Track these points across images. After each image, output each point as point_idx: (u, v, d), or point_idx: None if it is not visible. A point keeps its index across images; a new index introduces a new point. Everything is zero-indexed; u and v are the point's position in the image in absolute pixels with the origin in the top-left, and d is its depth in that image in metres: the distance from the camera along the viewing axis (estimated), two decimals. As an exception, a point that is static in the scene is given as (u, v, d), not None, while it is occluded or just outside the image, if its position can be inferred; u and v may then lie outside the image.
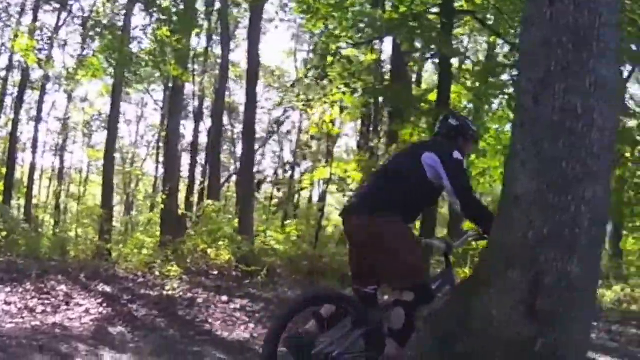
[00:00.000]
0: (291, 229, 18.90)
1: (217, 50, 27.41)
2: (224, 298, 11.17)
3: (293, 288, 12.95)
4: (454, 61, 16.12)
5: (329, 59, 15.44)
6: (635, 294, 17.59)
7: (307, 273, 15.12)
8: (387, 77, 19.42)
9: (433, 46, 14.17)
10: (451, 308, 4.93)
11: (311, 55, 18.53)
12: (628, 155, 16.49)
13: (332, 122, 18.59)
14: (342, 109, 17.81)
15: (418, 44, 14.83)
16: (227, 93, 28.62)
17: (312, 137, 26.03)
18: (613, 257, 21.41)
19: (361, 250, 5.64)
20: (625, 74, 20.39)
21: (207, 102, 31.51)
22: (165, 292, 11.21)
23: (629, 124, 16.76)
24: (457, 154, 5.66)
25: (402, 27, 13.80)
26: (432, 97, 14.52)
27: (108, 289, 11.10)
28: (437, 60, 15.74)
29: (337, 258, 16.22)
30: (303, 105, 16.49)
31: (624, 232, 23.00)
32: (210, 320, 9.71)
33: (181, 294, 11.25)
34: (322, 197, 25.52)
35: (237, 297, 11.39)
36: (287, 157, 33.58)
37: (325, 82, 15.61)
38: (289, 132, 33.47)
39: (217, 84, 25.72)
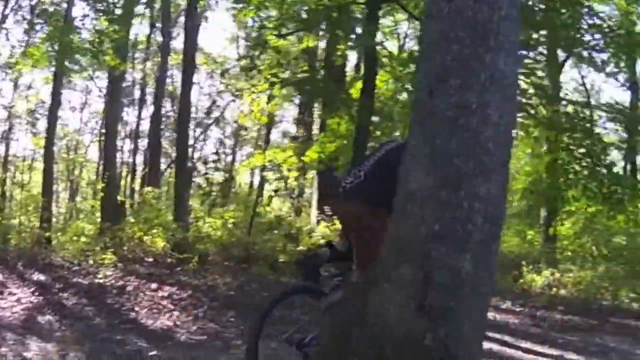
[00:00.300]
0: (228, 215, 18.84)
1: (160, 37, 27.16)
2: (154, 286, 11.14)
3: (223, 275, 12.91)
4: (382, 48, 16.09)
5: (260, 49, 15.40)
6: (564, 278, 17.80)
7: (240, 260, 15.08)
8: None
9: (353, 36, 14.11)
10: (348, 302, 4.89)
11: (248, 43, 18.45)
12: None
13: (261, 111, 18.50)
14: (270, 98, 17.72)
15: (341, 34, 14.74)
16: (168, 80, 28.43)
17: (241, 127, 25.96)
18: (546, 242, 21.62)
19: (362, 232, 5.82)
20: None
21: (151, 89, 31.23)
22: (97, 281, 11.13)
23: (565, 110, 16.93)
24: None
25: (325, 19, 13.75)
26: (359, 86, 14.47)
27: (42, 278, 11.04)
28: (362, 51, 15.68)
29: (268, 244, 16.21)
30: (233, 94, 16.44)
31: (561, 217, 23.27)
32: (136, 308, 9.69)
33: (113, 281, 11.19)
34: (260, 184, 25.48)
35: (167, 284, 11.36)
36: (229, 143, 33.39)
37: (254, 72, 15.56)
38: (222, 118, 33.25)
39: (158, 71, 25.52)
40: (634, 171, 30.48)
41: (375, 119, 15.16)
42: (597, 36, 15.15)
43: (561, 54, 19.68)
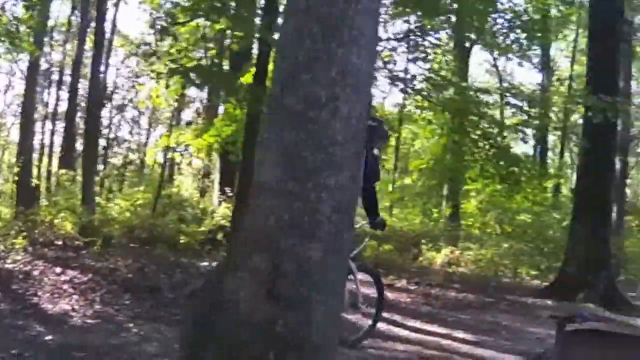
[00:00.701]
0: (137, 196, 18.70)
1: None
2: (58, 270, 10.94)
3: (126, 257, 12.79)
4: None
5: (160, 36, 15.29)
6: (463, 256, 18.07)
7: (144, 242, 14.98)
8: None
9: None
10: (207, 289, 4.91)
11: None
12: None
13: (162, 95, 18.43)
14: (168, 84, 17.63)
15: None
16: (88, 62, 28.01)
17: (139, 111, 25.83)
18: (449, 220, 21.92)
19: None
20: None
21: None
22: (6, 266, 10.93)
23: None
24: (376, 151, 7.68)
25: (216, 9, 13.65)
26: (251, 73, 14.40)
27: (-48, 266, 10.79)
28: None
29: (170, 226, 16.14)
30: (132, 80, 16.32)
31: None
32: (39, 293, 9.51)
33: (21, 266, 10.99)
34: (170, 165, 25.35)
35: (71, 268, 11.17)
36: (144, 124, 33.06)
37: (154, 58, 15.42)
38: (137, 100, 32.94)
39: (75, 53, 25.12)
40: (543, 151, 31.20)
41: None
42: (501, 21, 15.37)
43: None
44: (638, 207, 34.93)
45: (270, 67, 12.81)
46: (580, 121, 19.21)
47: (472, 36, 16.61)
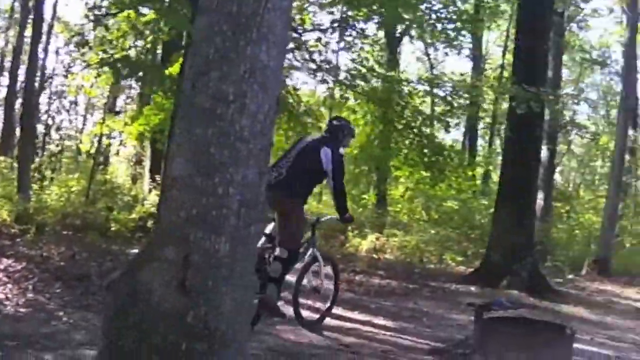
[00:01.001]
0: (72, 183, 18.60)
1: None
2: (-7, 258, 10.93)
3: (59, 245, 12.77)
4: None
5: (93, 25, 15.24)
6: (389, 243, 18.26)
7: (77, 229, 14.94)
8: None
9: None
10: (125, 279, 4.99)
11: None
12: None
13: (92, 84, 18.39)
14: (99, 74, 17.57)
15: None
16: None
17: (76, 99, 25.62)
18: (376, 207, 22.14)
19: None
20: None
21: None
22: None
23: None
24: (342, 150, 8.61)
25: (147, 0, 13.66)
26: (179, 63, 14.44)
27: None
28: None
29: (102, 213, 16.11)
30: (66, 70, 16.23)
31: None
32: (-28, 283, 9.49)
33: (-45, 256, 10.95)
34: (104, 152, 25.20)
35: (6, 256, 11.16)
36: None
37: (86, 48, 15.35)
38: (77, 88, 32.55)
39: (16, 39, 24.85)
40: (473, 139, 31.61)
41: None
42: (429, 12, 15.51)
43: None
44: (567, 194, 35.61)
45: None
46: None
47: (401, 27, 16.76)
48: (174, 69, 14.53)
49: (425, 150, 16.71)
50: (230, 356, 4.72)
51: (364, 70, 15.42)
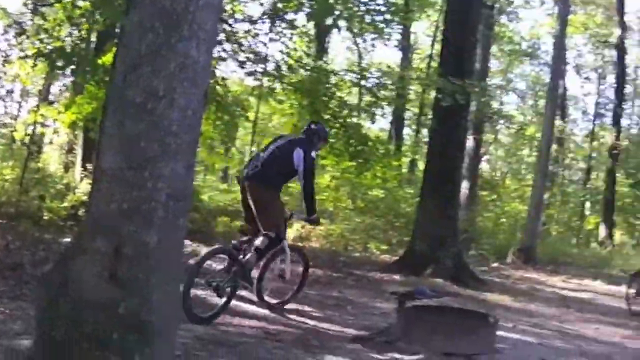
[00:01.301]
0: (6, 171, 18.43)
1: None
2: None
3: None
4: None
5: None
6: (314, 231, 18.42)
7: (11, 217, 14.84)
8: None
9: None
10: (57, 270, 5.12)
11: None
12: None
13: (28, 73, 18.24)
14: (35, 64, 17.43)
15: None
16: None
17: (8, 91, 25.25)
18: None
19: (250, 205, 9.28)
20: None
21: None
22: None
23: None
24: (314, 154, 9.47)
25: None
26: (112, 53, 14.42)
27: None
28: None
29: (35, 202, 16.06)
30: (4, 59, 16.06)
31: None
32: None
33: None
34: (38, 140, 24.93)
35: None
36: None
37: (23, 37, 15.21)
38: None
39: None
40: (399, 130, 32.00)
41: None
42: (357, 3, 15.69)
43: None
44: (493, 183, 36.29)
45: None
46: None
47: (330, 18, 16.90)
48: (107, 59, 14.49)
49: (351, 141, 16.95)
50: (160, 346, 4.91)
51: (292, 61, 15.57)
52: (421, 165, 29.30)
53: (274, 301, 9.90)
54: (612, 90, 38.32)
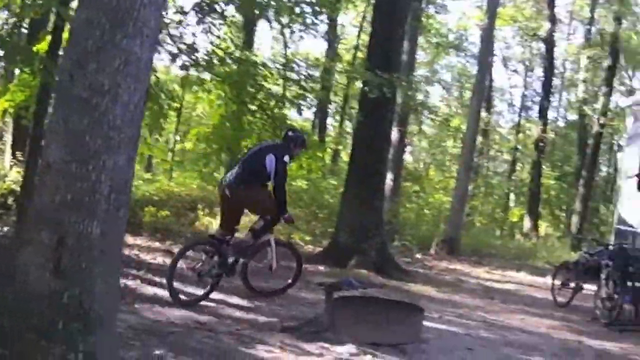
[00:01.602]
0: None
1: None
2: None
3: None
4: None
5: None
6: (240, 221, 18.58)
7: None
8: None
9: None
10: (2, 262, 5.31)
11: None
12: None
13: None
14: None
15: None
16: None
17: None
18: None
19: (233, 207, 10.55)
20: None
21: None
22: None
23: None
24: (286, 158, 10.38)
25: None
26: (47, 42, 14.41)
27: None
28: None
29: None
30: None
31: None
32: None
33: None
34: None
35: None
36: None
37: None
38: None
39: None
40: (323, 120, 32.25)
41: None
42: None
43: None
44: (417, 174, 36.84)
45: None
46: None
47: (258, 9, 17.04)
48: (41, 47, 14.46)
49: (278, 132, 17.18)
50: (102, 334, 5.17)
51: (220, 53, 15.68)
52: (345, 157, 29.65)
53: (265, 290, 11.27)
54: (539, 83, 39.47)
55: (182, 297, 9.66)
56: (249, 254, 10.76)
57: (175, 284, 9.66)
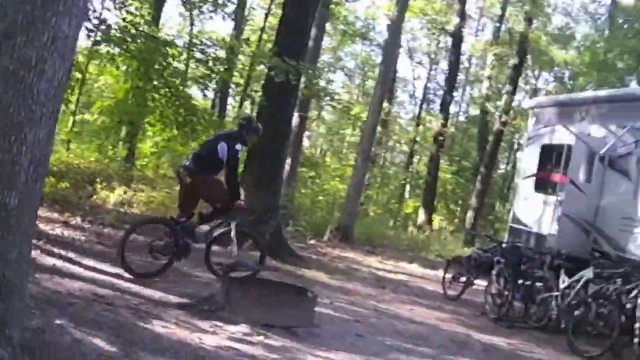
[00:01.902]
0: None
1: None
2: None
3: None
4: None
5: None
6: (136, 197, 18.70)
7: None
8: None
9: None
10: None
11: None
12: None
13: None
14: None
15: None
16: None
17: None
18: (124, 161, 22.54)
19: (189, 192, 11.12)
20: None
21: None
22: None
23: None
24: (238, 146, 10.99)
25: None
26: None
27: None
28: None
29: None
30: None
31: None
32: None
33: None
34: None
35: None
36: None
37: None
38: None
39: None
40: (223, 100, 32.22)
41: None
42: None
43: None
44: (314, 160, 37.16)
45: None
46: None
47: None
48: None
49: (181, 110, 17.39)
50: (14, 301, 5.40)
51: (133, 29, 15.70)
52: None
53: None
54: (443, 77, 40.16)
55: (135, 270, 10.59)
56: (202, 239, 11.57)
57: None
